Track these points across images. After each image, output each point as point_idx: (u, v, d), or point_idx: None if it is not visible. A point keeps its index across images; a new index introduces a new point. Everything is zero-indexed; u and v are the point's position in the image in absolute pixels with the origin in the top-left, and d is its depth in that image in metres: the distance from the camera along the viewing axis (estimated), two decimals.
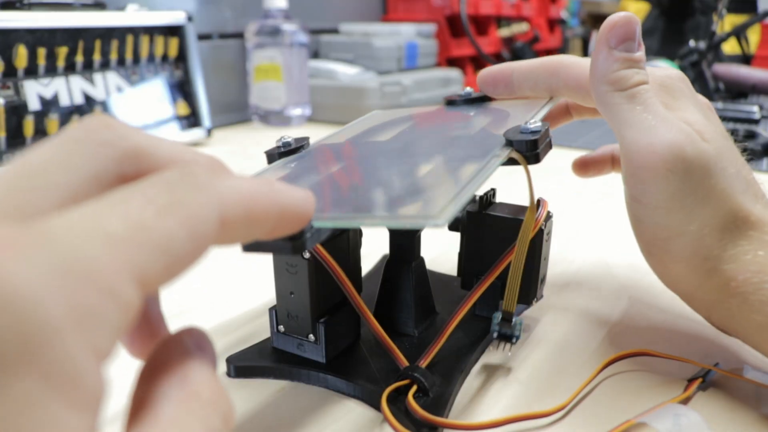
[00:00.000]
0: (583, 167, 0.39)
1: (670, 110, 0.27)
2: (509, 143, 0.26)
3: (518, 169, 0.26)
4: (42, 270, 0.11)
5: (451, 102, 0.36)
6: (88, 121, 0.15)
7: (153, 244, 0.12)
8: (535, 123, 0.26)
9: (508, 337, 0.28)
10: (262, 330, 0.33)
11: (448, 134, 0.31)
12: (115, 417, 0.16)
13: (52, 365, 0.10)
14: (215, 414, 0.14)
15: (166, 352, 0.14)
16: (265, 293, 0.37)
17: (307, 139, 0.33)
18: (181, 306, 0.35)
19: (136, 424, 0.13)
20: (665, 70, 0.29)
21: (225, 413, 0.14)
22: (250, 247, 0.20)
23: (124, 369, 0.17)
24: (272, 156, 0.32)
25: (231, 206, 0.14)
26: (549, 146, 0.27)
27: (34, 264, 0.11)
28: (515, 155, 0.25)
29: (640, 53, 0.28)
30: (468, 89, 0.36)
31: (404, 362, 0.27)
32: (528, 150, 0.25)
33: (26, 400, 0.10)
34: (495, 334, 0.28)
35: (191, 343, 0.15)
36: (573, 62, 0.31)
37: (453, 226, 0.36)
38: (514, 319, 0.28)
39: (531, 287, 0.31)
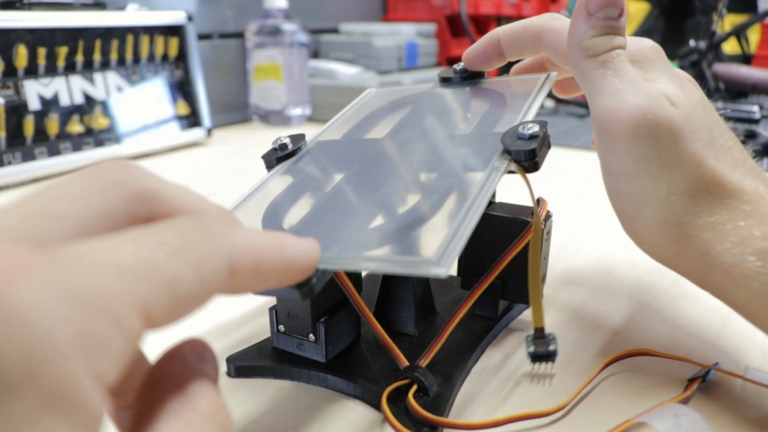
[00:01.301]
0: (563, 89, 0.37)
1: (645, 82, 0.27)
2: (507, 152, 0.25)
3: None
4: (52, 294, 0.11)
5: (446, 79, 0.36)
6: (106, 162, 0.15)
7: (161, 282, 0.13)
8: (532, 127, 0.25)
9: (546, 356, 0.27)
10: (262, 330, 0.33)
11: (445, 132, 0.31)
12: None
13: (54, 386, 0.10)
14: (213, 427, 0.14)
15: (167, 364, 0.15)
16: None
17: (303, 137, 0.33)
18: None
19: None
20: (636, 41, 0.28)
21: (223, 426, 0.14)
22: (260, 291, 0.21)
23: None
24: (270, 162, 0.32)
25: (241, 257, 0.15)
26: (548, 147, 0.26)
27: (45, 287, 0.11)
28: (514, 167, 0.25)
29: (622, 20, 0.27)
30: (462, 65, 0.35)
31: (404, 362, 0.27)
32: (527, 159, 0.25)
33: (27, 419, 0.10)
34: (530, 357, 0.27)
35: (192, 355, 0.15)
36: (555, 26, 0.30)
37: None
38: (546, 334, 0.27)
39: None
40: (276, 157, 0.32)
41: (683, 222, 0.25)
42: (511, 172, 0.25)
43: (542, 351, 0.27)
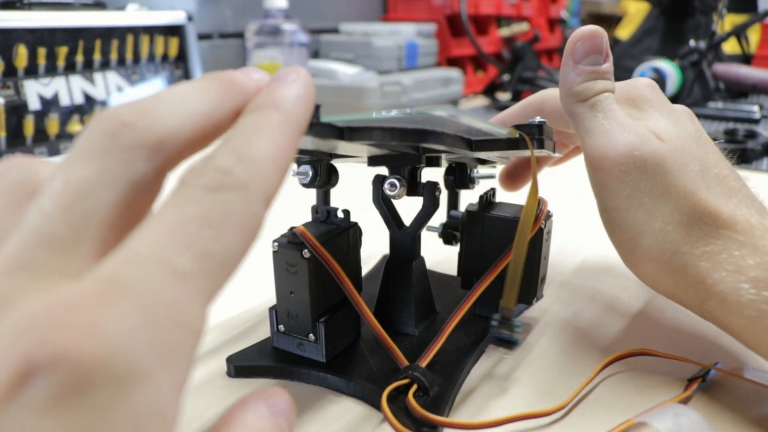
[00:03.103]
0: (511, 180, 0.39)
1: (636, 119, 0.28)
2: (517, 128, 0.27)
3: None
4: (129, 320, 0.11)
5: None
6: (108, 125, 0.14)
7: (217, 268, 0.13)
8: (540, 119, 0.27)
9: (507, 341, 0.28)
10: (262, 330, 0.33)
11: None
12: None
13: (141, 407, 0.11)
14: None
15: (242, 410, 0.15)
16: (265, 293, 0.37)
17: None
18: None
19: None
20: (632, 81, 0.30)
21: None
22: None
23: None
24: None
25: (273, 184, 0.15)
26: (553, 142, 0.28)
27: (123, 317, 0.11)
28: (520, 134, 0.27)
29: (607, 65, 0.29)
30: None
31: (404, 361, 0.27)
32: (533, 134, 0.27)
33: None
34: (492, 337, 0.28)
35: (268, 405, 0.15)
36: (553, 94, 0.32)
37: (453, 227, 0.36)
38: (513, 320, 0.27)
39: (531, 287, 0.31)
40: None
41: (680, 252, 0.26)
42: (514, 146, 0.27)
43: (506, 335, 0.28)
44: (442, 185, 0.31)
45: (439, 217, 0.33)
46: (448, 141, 0.25)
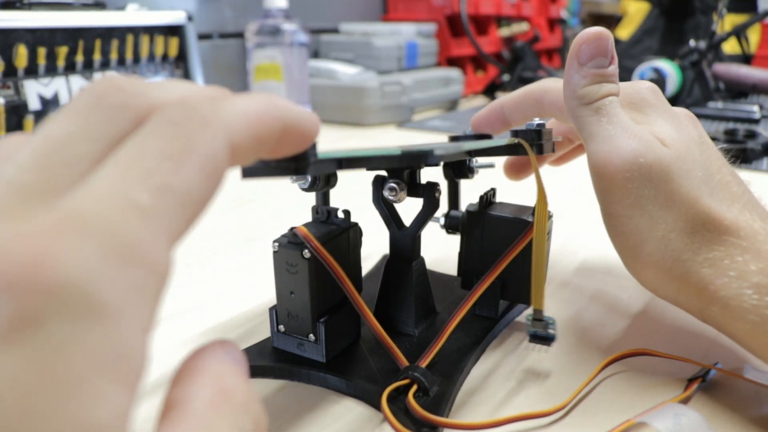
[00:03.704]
0: (515, 170, 0.39)
1: (639, 124, 0.28)
2: (516, 136, 0.27)
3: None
4: (88, 254, 0.11)
5: (455, 138, 0.37)
6: (97, 87, 0.15)
7: (178, 202, 0.13)
8: (539, 122, 0.27)
9: (544, 338, 0.28)
10: (262, 330, 0.33)
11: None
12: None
13: (103, 346, 0.11)
14: (247, 417, 0.14)
15: (198, 358, 0.15)
16: (265, 293, 0.37)
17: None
18: (182, 305, 0.35)
19: (167, 424, 0.13)
20: (634, 84, 0.30)
21: (257, 418, 0.14)
22: (251, 171, 0.20)
23: None
24: None
25: (239, 132, 0.15)
26: (552, 144, 0.28)
27: (80, 249, 0.11)
28: (520, 140, 0.27)
29: (612, 68, 0.28)
30: (470, 130, 0.37)
31: (404, 362, 0.27)
32: (532, 139, 0.27)
33: (76, 378, 0.10)
34: (529, 337, 0.29)
35: (223, 351, 0.15)
36: (554, 87, 0.32)
37: (453, 227, 0.36)
38: (545, 317, 0.28)
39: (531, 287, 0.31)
40: None
41: (682, 259, 0.26)
42: (513, 153, 0.28)
43: (542, 333, 0.28)
44: (442, 182, 0.32)
45: (441, 208, 0.33)
46: (446, 157, 0.27)
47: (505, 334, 0.33)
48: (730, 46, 1.27)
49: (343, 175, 0.32)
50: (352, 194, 0.39)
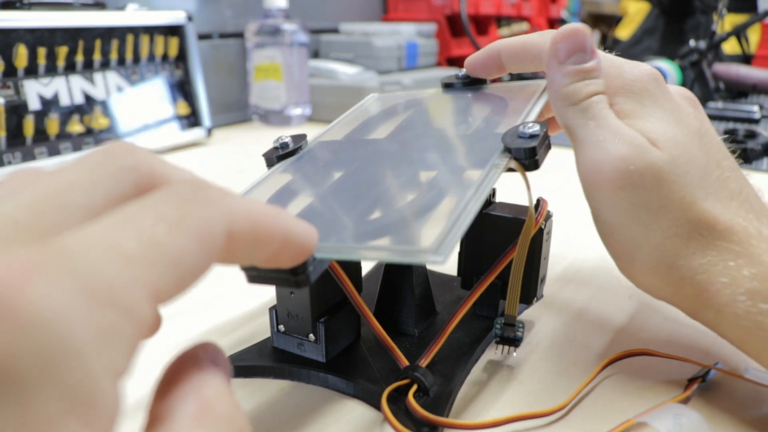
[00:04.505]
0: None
1: (634, 118, 0.26)
2: (507, 150, 0.25)
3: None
4: (63, 290, 0.11)
5: (448, 85, 0.36)
6: (111, 146, 0.15)
7: (166, 261, 0.13)
8: (533, 126, 0.25)
9: (511, 340, 0.29)
10: (262, 330, 0.33)
11: (446, 133, 0.31)
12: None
13: (72, 387, 0.10)
14: (229, 429, 0.14)
15: (180, 367, 0.15)
16: (265, 293, 0.37)
17: (304, 137, 0.33)
18: (182, 306, 0.35)
19: None
20: (635, 67, 0.28)
21: (240, 429, 0.14)
22: (256, 278, 0.21)
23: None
24: (270, 159, 0.32)
25: (239, 222, 0.15)
26: (548, 148, 0.26)
27: (55, 284, 0.11)
28: (514, 165, 0.25)
29: (593, 62, 0.27)
30: (465, 71, 0.36)
31: (404, 362, 0.27)
32: (527, 157, 0.25)
33: (45, 420, 0.10)
34: (497, 339, 0.29)
35: (206, 358, 0.15)
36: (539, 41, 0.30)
37: None
38: (516, 322, 0.28)
39: (531, 287, 0.31)
40: (277, 155, 0.32)
41: (677, 265, 0.25)
42: (511, 170, 0.25)
43: (509, 335, 0.29)
44: None
45: None
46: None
47: None
48: (730, 46, 1.27)
49: None
50: None
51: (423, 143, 0.29)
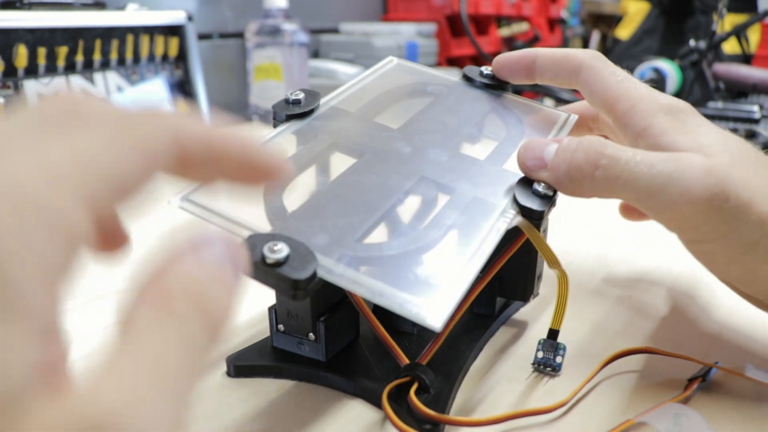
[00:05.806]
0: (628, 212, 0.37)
1: (681, 134, 0.26)
2: (516, 203, 0.26)
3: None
4: None
5: (469, 78, 0.35)
6: (59, 105, 0.14)
7: (97, 169, 0.13)
8: (547, 187, 0.26)
9: (550, 366, 0.29)
10: (261, 330, 0.33)
11: (459, 147, 0.30)
12: None
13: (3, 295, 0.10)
14: (194, 319, 0.13)
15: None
16: (265, 293, 0.37)
17: (318, 97, 0.31)
18: None
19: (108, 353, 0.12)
20: (667, 96, 0.28)
21: (210, 314, 0.14)
22: (257, 276, 0.21)
23: None
24: (279, 115, 0.30)
25: (188, 133, 0.15)
26: (553, 206, 0.27)
27: None
28: (518, 221, 0.26)
29: (551, 146, 0.27)
30: (489, 70, 0.35)
31: (404, 360, 0.27)
32: (535, 218, 0.26)
33: None
34: (535, 363, 0.29)
35: (181, 240, 0.14)
36: (596, 65, 0.30)
37: None
38: (557, 343, 0.29)
39: (528, 284, 0.31)
40: (287, 113, 0.30)
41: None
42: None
43: (547, 360, 0.29)
44: None
45: None
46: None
47: (502, 331, 0.33)
48: (730, 46, 1.27)
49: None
50: None
51: (435, 155, 0.29)
